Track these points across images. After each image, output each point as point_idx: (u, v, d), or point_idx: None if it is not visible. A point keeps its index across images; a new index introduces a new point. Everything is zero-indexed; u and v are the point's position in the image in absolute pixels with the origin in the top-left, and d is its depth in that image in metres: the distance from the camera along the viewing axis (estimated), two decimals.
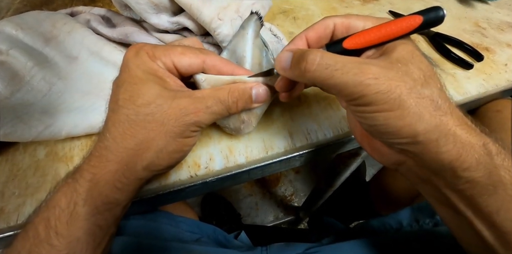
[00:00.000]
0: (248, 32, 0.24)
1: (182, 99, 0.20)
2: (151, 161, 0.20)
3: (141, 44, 0.21)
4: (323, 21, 0.22)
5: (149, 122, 0.20)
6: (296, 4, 0.47)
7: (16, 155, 0.30)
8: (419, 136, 0.17)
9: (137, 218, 0.37)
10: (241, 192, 1.01)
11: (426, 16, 0.19)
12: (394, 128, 0.17)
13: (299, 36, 0.22)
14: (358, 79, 0.17)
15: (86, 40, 0.31)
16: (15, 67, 0.28)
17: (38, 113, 0.28)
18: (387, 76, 0.17)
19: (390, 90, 0.17)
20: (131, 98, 0.20)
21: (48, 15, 0.33)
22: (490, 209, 0.17)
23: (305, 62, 0.18)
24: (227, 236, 0.45)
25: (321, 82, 0.18)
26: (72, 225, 0.19)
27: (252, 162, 0.29)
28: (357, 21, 0.21)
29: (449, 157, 0.17)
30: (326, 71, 0.18)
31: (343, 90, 0.18)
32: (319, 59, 0.18)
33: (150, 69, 0.20)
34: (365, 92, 0.17)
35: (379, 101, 0.17)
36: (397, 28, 0.19)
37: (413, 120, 0.17)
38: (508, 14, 0.47)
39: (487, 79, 0.37)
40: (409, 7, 0.47)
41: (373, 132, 0.19)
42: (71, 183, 0.20)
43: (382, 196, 0.62)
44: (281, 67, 0.21)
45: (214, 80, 0.22)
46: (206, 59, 0.22)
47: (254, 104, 0.24)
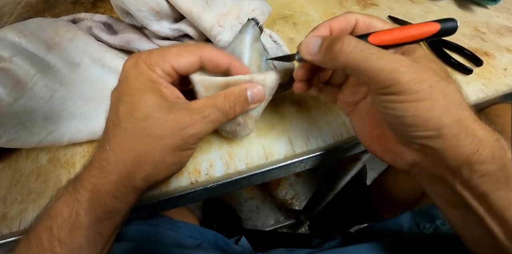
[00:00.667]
0: (246, 36, 0.24)
1: (178, 112, 0.20)
2: (149, 173, 0.21)
3: (138, 54, 0.21)
4: (346, 15, 0.22)
5: (147, 136, 0.20)
6: (296, 9, 0.47)
7: (18, 161, 0.31)
8: (444, 129, 0.17)
9: (138, 223, 0.37)
10: (242, 195, 1.01)
11: (443, 24, 0.20)
12: (422, 119, 0.18)
13: (323, 25, 0.22)
14: (394, 66, 0.17)
15: (88, 47, 0.31)
16: (18, 74, 0.28)
17: (41, 120, 0.28)
18: (417, 67, 0.18)
19: (422, 80, 0.17)
20: (130, 112, 0.20)
21: (50, 22, 0.33)
22: (503, 204, 0.18)
23: (342, 43, 0.18)
24: (228, 241, 0.45)
25: (355, 64, 0.18)
26: (74, 234, 0.20)
27: (252, 168, 0.29)
28: (377, 23, 0.22)
29: (467, 151, 0.18)
30: (363, 53, 0.18)
31: (377, 76, 0.18)
32: (355, 41, 0.18)
33: (148, 81, 0.20)
34: (399, 79, 0.17)
35: (411, 90, 0.17)
36: (419, 31, 0.20)
37: (441, 112, 0.17)
38: (507, 18, 0.47)
39: (486, 84, 0.37)
40: (408, 12, 0.48)
41: (398, 125, 0.19)
42: (72, 193, 0.20)
43: (383, 199, 0.62)
44: (309, 51, 0.21)
45: (208, 82, 0.22)
46: (203, 54, 0.22)
47: (251, 105, 0.24)
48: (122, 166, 0.20)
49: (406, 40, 0.20)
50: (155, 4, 0.29)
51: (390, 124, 0.20)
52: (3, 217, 0.27)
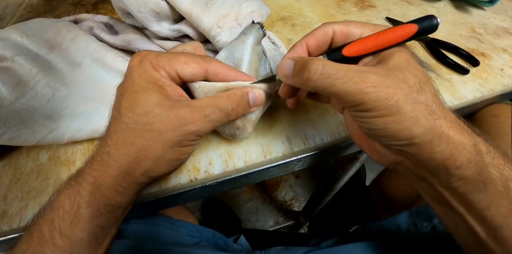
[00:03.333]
0: (249, 38, 0.25)
1: (180, 109, 0.21)
2: (149, 168, 0.21)
3: (146, 52, 0.22)
4: (323, 28, 0.23)
5: (148, 131, 0.20)
6: (295, 11, 0.48)
7: (19, 159, 0.31)
8: (415, 138, 0.18)
9: (137, 221, 0.37)
10: (241, 196, 1.01)
11: (421, 24, 0.20)
12: (392, 131, 0.18)
13: (300, 43, 0.23)
14: (359, 88, 0.18)
15: (89, 47, 0.32)
16: (20, 73, 0.29)
17: (42, 118, 0.29)
18: (385, 84, 0.18)
19: (388, 97, 0.18)
20: (131, 107, 0.20)
21: (52, 22, 0.34)
22: (482, 205, 0.18)
23: (307, 71, 0.19)
24: (226, 240, 0.45)
25: (323, 90, 0.19)
26: (75, 226, 0.20)
27: (250, 166, 0.29)
28: (355, 29, 0.22)
29: (442, 156, 0.18)
30: (328, 80, 0.18)
31: (344, 98, 0.19)
32: (321, 68, 0.19)
33: (152, 79, 0.21)
34: (365, 99, 0.18)
35: (378, 108, 0.18)
36: (394, 36, 0.20)
37: (410, 124, 0.18)
38: (504, 20, 0.48)
39: (483, 84, 0.38)
40: (405, 14, 0.48)
41: (372, 135, 0.20)
42: (74, 186, 0.21)
43: (382, 200, 0.62)
44: (283, 74, 0.22)
45: (208, 87, 0.23)
46: (209, 67, 0.22)
47: (252, 108, 0.24)
48: (124, 160, 0.20)
49: (383, 46, 0.20)
50: (155, 5, 0.30)
51: (366, 134, 0.21)
52: (4, 214, 0.27)
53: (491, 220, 0.18)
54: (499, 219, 0.18)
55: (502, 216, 0.18)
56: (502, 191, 0.18)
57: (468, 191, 0.18)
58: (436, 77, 0.38)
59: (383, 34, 0.20)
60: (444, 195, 0.20)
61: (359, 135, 0.24)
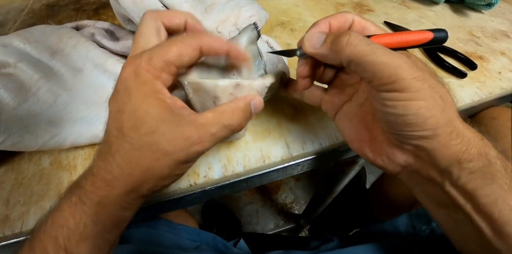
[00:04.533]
0: (242, 37, 0.25)
1: (185, 127, 0.20)
2: (155, 184, 0.21)
3: (137, 61, 0.20)
4: (344, 14, 0.22)
5: (154, 152, 0.19)
6: (294, 15, 0.49)
7: (21, 164, 0.31)
8: (439, 129, 0.18)
9: (138, 225, 0.37)
10: (242, 199, 1.01)
11: (436, 34, 0.20)
12: (422, 118, 0.18)
13: (324, 21, 0.22)
14: (398, 62, 0.17)
15: (90, 53, 0.32)
16: (23, 79, 0.29)
17: (44, 124, 0.29)
18: (418, 68, 0.18)
19: (424, 79, 0.18)
20: (134, 127, 0.19)
21: (54, 29, 0.34)
22: (489, 200, 0.19)
23: (349, 36, 0.19)
24: (226, 244, 0.45)
25: (361, 58, 0.18)
26: (81, 244, 0.20)
27: (250, 170, 0.30)
28: (371, 26, 0.22)
29: (458, 149, 0.18)
30: (368, 47, 0.18)
31: (381, 71, 0.18)
32: (361, 36, 0.19)
33: (151, 92, 0.20)
34: (403, 75, 0.17)
35: (414, 88, 0.17)
36: (415, 38, 0.20)
37: (438, 112, 0.18)
38: (502, 23, 0.48)
39: (481, 87, 0.38)
40: (404, 17, 0.49)
41: (397, 124, 0.19)
42: (78, 204, 0.20)
43: (382, 203, 0.62)
44: (312, 44, 0.21)
45: (196, 85, 0.22)
46: (202, 44, 0.21)
47: (253, 115, 0.24)
48: (129, 180, 0.20)
49: (402, 45, 0.21)
50: None
51: (388, 124, 0.20)
52: (6, 218, 0.27)
53: (497, 216, 0.18)
54: (506, 214, 0.18)
55: (509, 211, 0.18)
56: (509, 183, 0.18)
57: (477, 186, 0.19)
58: None
59: (406, 34, 0.21)
60: (452, 194, 0.20)
61: (359, 139, 0.24)
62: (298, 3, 0.51)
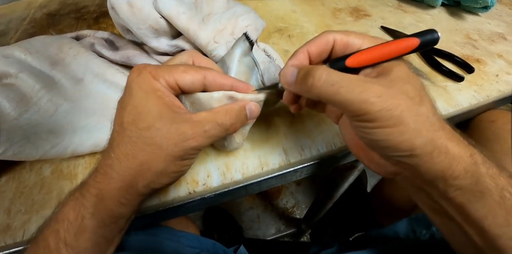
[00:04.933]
0: (235, 50, 0.25)
1: (180, 124, 0.21)
2: (152, 180, 0.21)
3: (144, 65, 0.22)
4: (324, 36, 0.23)
5: (149, 145, 0.21)
6: (291, 22, 0.49)
7: (22, 173, 0.32)
8: (417, 150, 0.18)
9: (138, 233, 0.37)
10: (243, 204, 1.01)
11: (422, 38, 0.20)
12: (394, 143, 0.18)
13: (301, 51, 0.23)
14: (363, 97, 0.18)
15: (90, 63, 0.33)
16: (24, 89, 0.30)
17: (45, 133, 0.29)
18: (389, 94, 0.18)
19: (392, 108, 0.18)
20: (134, 121, 0.21)
21: (54, 39, 0.35)
22: (479, 215, 0.19)
23: (312, 78, 0.19)
24: (227, 250, 0.45)
25: (327, 98, 0.19)
26: (80, 237, 0.21)
27: (248, 178, 0.30)
28: (355, 40, 0.22)
29: (441, 167, 0.18)
30: (332, 88, 0.19)
31: (348, 107, 0.19)
32: (325, 75, 0.19)
33: (151, 89, 0.21)
34: (369, 109, 0.18)
35: (382, 118, 0.18)
36: (397, 49, 0.20)
37: (412, 135, 0.18)
38: (498, 25, 0.48)
39: (478, 90, 0.38)
40: (400, 22, 0.49)
41: (373, 146, 0.20)
42: (79, 198, 0.21)
43: (383, 206, 0.62)
44: (286, 81, 0.22)
45: (192, 98, 0.23)
46: (207, 74, 0.22)
47: (248, 121, 0.25)
48: (126, 173, 0.21)
49: (384, 58, 0.21)
50: (154, 22, 0.31)
51: (367, 145, 0.21)
52: (7, 227, 0.28)
53: (488, 229, 0.18)
54: (496, 228, 0.18)
55: (499, 225, 0.18)
56: (498, 200, 0.18)
57: (466, 201, 0.19)
58: (431, 85, 0.38)
59: (386, 46, 0.20)
60: (442, 205, 0.20)
61: (357, 145, 0.24)
62: (295, 9, 0.52)
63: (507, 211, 0.18)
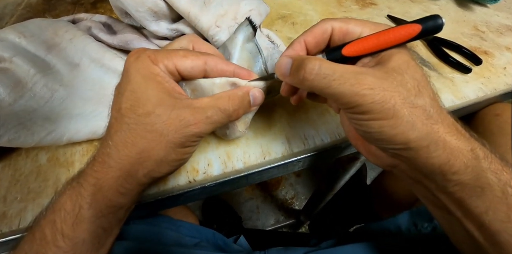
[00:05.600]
0: (238, 36, 0.24)
1: (181, 110, 0.20)
2: (152, 169, 0.21)
3: (142, 49, 0.21)
4: (321, 25, 0.22)
5: (149, 132, 0.20)
6: (295, 9, 0.48)
7: (18, 160, 0.31)
8: (411, 143, 0.18)
9: (137, 222, 0.37)
10: (242, 195, 1.01)
11: (424, 24, 0.19)
12: (388, 135, 0.18)
13: (298, 41, 0.23)
14: (355, 90, 0.18)
15: (87, 47, 0.32)
16: (18, 74, 0.28)
17: (41, 120, 0.29)
18: (382, 86, 0.18)
19: (384, 101, 0.17)
20: (132, 107, 0.20)
21: (50, 22, 0.34)
22: (479, 210, 0.18)
23: (303, 71, 0.19)
24: (226, 240, 0.45)
25: (319, 91, 0.19)
26: (77, 227, 0.20)
27: (250, 167, 0.29)
28: (355, 27, 0.21)
29: (438, 161, 0.18)
30: (324, 80, 0.18)
31: (340, 100, 0.18)
32: (317, 68, 0.18)
33: (150, 74, 0.20)
34: (361, 102, 0.18)
35: (374, 111, 0.18)
36: (395, 36, 0.19)
37: (406, 128, 0.18)
38: (507, 17, 0.47)
39: (485, 83, 0.37)
40: (407, 11, 0.48)
41: (368, 138, 0.20)
42: (76, 187, 0.21)
43: (383, 199, 0.62)
44: (281, 73, 0.21)
45: (193, 84, 0.22)
46: (208, 60, 0.22)
47: (252, 107, 0.24)
48: (125, 161, 0.20)
49: (383, 47, 0.20)
50: (153, 4, 0.29)
51: (362, 137, 0.21)
52: (3, 215, 0.27)
53: (488, 225, 0.18)
54: (497, 224, 0.18)
55: (500, 221, 0.18)
56: (500, 196, 0.18)
57: (465, 196, 0.18)
58: (438, 76, 0.38)
59: (384, 34, 0.19)
60: (441, 199, 0.20)
61: (356, 136, 0.24)
62: None
63: (508, 207, 0.18)
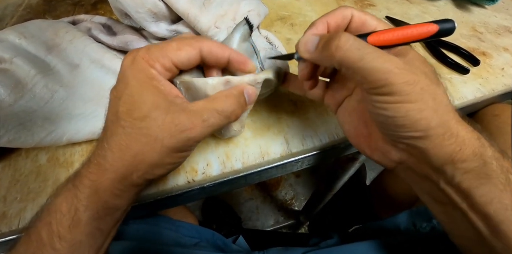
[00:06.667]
0: (234, 35, 0.25)
1: (176, 114, 0.20)
2: (146, 171, 0.21)
3: (136, 50, 0.21)
4: (342, 10, 0.22)
5: (144, 136, 0.20)
6: (294, 10, 0.48)
7: (18, 160, 0.31)
8: (431, 130, 0.18)
9: (137, 222, 0.37)
10: (242, 195, 1.01)
11: (441, 25, 0.19)
12: (412, 120, 0.18)
13: (321, 21, 0.22)
14: (388, 67, 0.17)
15: (87, 48, 0.32)
16: (18, 75, 0.29)
17: (41, 120, 0.29)
18: (410, 70, 0.18)
19: (414, 82, 0.18)
20: (129, 111, 0.20)
21: (50, 23, 0.34)
22: (484, 199, 0.19)
23: (338, 40, 0.18)
24: (226, 241, 0.45)
25: (350, 63, 0.18)
26: (74, 230, 0.20)
27: (248, 167, 0.29)
28: (372, 21, 0.22)
29: (451, 150, 0.18)
30: (358, 52, 0.18)
31: (370, 75, 0.18)
32: (352, 40, 0.18)
33: (146, 78, 0.20)
34: (393, 80, 0.17)
35: (404, 92, 0.17)
36: (417, 32, 0.20)
37: (429, 114, 0.18)
38: (505, 18, 0.47)
39: (483, 83, 0.37)
40: (406, 12, 0.48)
41: (388, 125, 0.19)
42: (72, 189, 0.20)
43: (382, 199, 0.62)
44: (307, 49, 0.21)
45: (187, 84, 0.22)
46: (202, 46, 0.21)
47: (248, 105, 0.24)
48: (120, 164, 0.20)
49: (403, 41, 0.20)
50: (153, 5, 0.29)
51: (379, 124, 0.20)
52: (3, 215, 0.27)
53: (493, 215, 0.18)
54: (501, 213, 0.18)
55: (504, 209, 0.18)
56: (504, 183, 0.18)
57: (472, 185, 0.19)
58: None
59: (407, 28, 0.20)
60: (447, 192, 0.20)
61: (357, 134, 0.24)
62: None
63: None
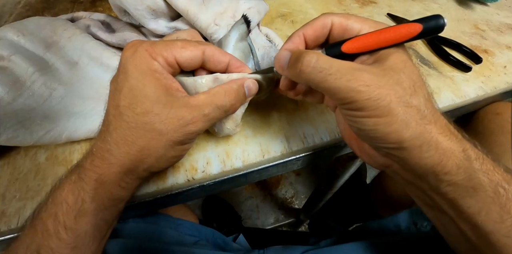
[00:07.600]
0: (231, 34, 0.24)
1: (179, 109, 0.20)
2: (151, 164, 0.21)
3: (139, 41, 0.21)
4: (322, 19, 0.22)
5: (149, 131, 0.20)
6: (294, 7, 0.47)
7: (17, 159, 0.31)
8: (405, 142, 0.18)
9: (136, 220, 0.37)
10: (242, 194, 1.01)
11: (426, 24, 0.19)
12: (382, 133, 0.18)
13: (297, 34, 0.22)
14: (351, 86, 0.18)
15: (86, 46, 0.32)
16: (17, 72, 0.28)
17: (39, 118, 0.29)
18: (379, 84, 0.18)
19: (380, 98, 0.17)
20: (131, 105, 0.20)
21: (48, 21, 0.34)
22: (472, 210, 0.18)
23: (301, 63, 0.19)
24: (226, 239, 0.45)
25: (315, 85, 0.19)
26: (80, 220, 0.20)
27: (249, 165, 0.29)
28: (355, 24, 0.21)
29: (431, 162, 0.18)
30: (320, 74, 0.18)
31: (335, 95, 0.18)
32: (314, 61, 0.18)
33: (148, 70, 0.20)
34: (356, 98, 0.18)
35: (369, 107, 0.18)
36: (396, 35, 0.19)
37: (400, 127, 0.18)
38: (507, 16, 0.47)
39: (486, 81, 0.37)
40: (407, 10, 0.47)
41: (362, 136, 0.20)
42: (77, 181, 0.21)
43: (383, 198, 0.62)
44: (280, 66, 0.21)
45: (184, 80, 0.23)
46: (205, 50, 0.22)
47: (247, 98, 0.24)
48: (126, 158, 0.20)
49: (383, 45, 0.20)
50: (152, 3, 0.29)
51: (356, 134, 0.21)
52: (2, 214, 0.27)
53: (481, 225, 0.18)
54: (490, 224, 0.18)
55: (493, 221, 0.18)
56: (492, 196, 0.18)
57: (458, 196, 0.18)
58: (438, 74, 0.38)
59: (385, 33, 0.19)
60: (435, 199, 0.20)
61: (350, 135, 0.24)
62: None
63: (501, 207, 0.18)
